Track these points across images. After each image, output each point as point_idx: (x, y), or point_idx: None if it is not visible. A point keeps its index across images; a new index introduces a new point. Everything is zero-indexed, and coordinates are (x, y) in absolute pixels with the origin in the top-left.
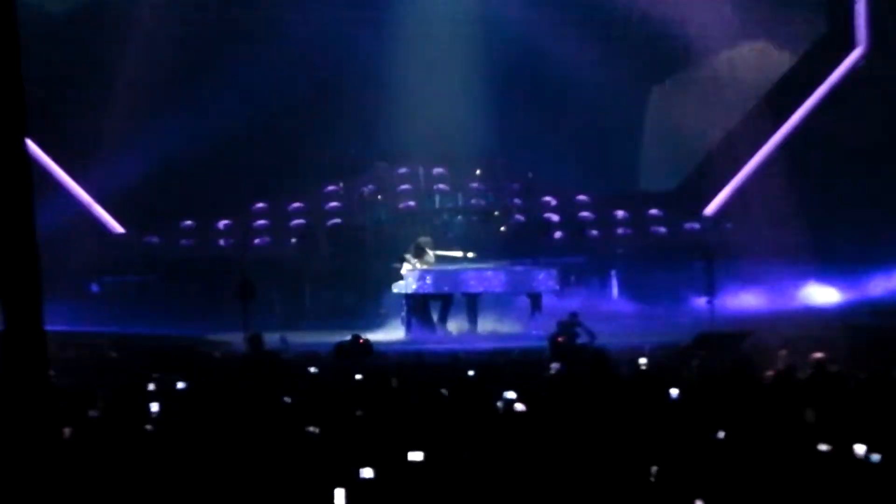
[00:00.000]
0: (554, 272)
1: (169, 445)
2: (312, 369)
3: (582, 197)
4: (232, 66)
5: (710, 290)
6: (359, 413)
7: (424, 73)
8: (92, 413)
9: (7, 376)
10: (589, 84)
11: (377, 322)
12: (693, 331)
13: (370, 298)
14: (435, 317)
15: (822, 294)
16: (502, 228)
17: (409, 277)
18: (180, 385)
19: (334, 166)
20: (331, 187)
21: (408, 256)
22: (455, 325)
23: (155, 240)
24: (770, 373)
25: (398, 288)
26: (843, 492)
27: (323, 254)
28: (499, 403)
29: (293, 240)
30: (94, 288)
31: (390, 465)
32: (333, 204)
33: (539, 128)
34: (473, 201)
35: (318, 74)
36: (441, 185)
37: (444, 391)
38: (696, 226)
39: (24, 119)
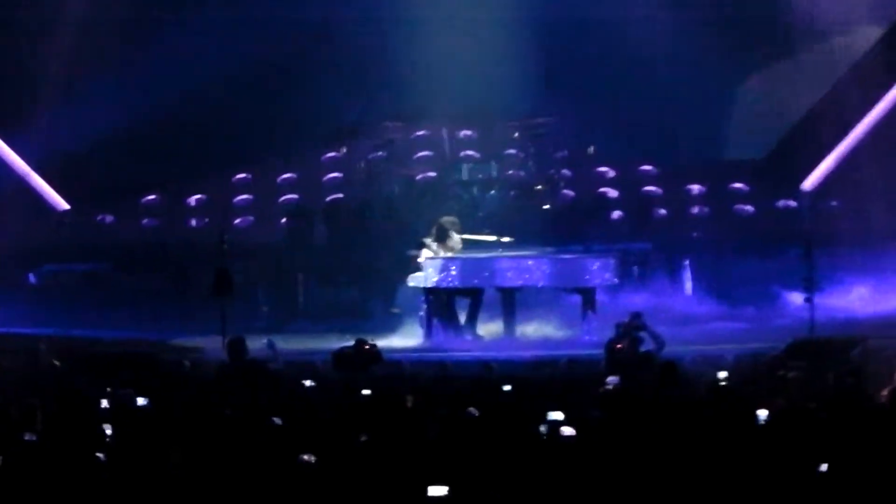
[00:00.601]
0: (611, 262)
1: (125, 477)
2: (307, 383)
3: (647, 167)
4: (207, 3)
5: (810, 285)
6: (364, 438)
7: (449, 12)
8: (28, 436)
9: None
10: (662, 47)
11: (388, 323)
12: (788, 337)
13: (379, 294)
14: (462, 317)
15: None
16: (546, 206)
17: (430, 268)
18: (140, 402)
19: (334, 128)
20: (329, 154)
21: (427, 241)
22: (487, 328)
23: (109, 219)
24: (885, 392)
25: (415, 281)
26: None
27: (320, 238)
28: (542, 427)
29: (283, 220)
30: (32, 278)
31: (404, 502)
32: (333, 175)
33: (593, 86)
34: (510, 172)
35: (312, 14)
36: (469, 152)
37: (472, 411)
38: (792, 204)
39: None
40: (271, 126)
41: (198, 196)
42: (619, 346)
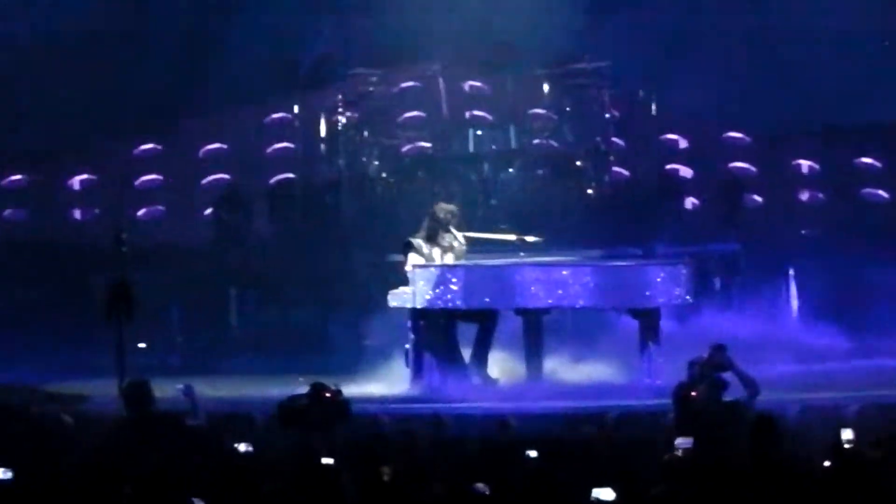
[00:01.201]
0: (682, 271)
1: None
2: (241, 447)
3: (735, 135)
4: None
5: None
6: None
7: None
8: None
9: None
10: None
11: (360, 361)
12: None
13: (347, 318)
14: (466, 352)
15: None
16: (590, 191)
17: (420, 280)
18: (1, 475)
19: (282, 76)
20: (275, 116)
21: (417, 242)
22: (502, 368)
23: None
24: None
25: (399, 300)
26: None
27: (261, 236)
28: None
29: (207, 211)
30: None
31: None
32: (280, 146)
33: (658, 15)
34: (538, 141)
35: None
36: (478, 112)
37: (481, 488)
38: None
39: None
40: (190, 74)
41: (84, 176)
42: (693, 393)
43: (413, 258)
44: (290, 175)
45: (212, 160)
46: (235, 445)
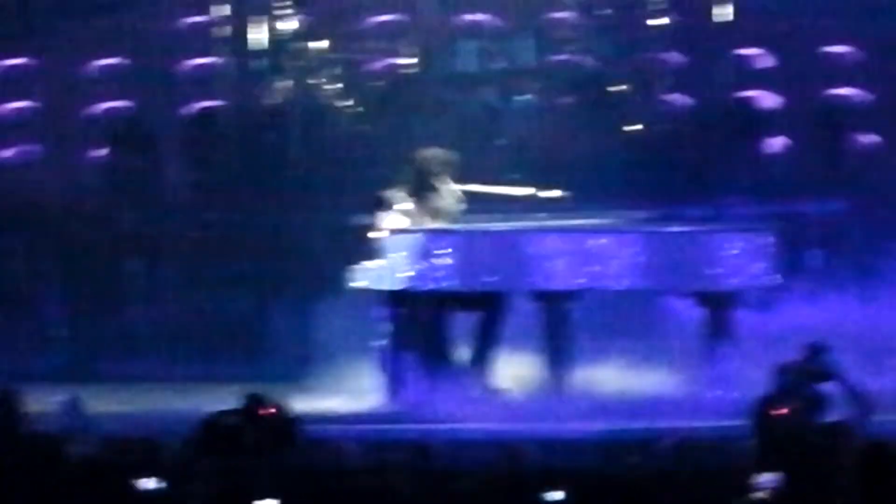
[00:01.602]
0: (766, 240)
1: None
2: (147, 484)
3: (838, 49)
4: None
5: None
6: None
7: None
8: None
9: None
10: None
11: (311, 363)
12: None
13: (292, 303)
14: (463, 353)
15: None
16: (635, 126)
17: (399, 251)
18: None
19: None
20: (193, 18)
21: (395, 197)
22: (514, 373)
23: None
24: None
25: (366, 278)
26: None
27: (173, 188)
28: None
29: (99, 152)
30: None
31: None
32: (201, 61)
33: None
34: (562, 57)
35: None
36: (479, 15)
37: None
38: None
39: None
40: None
41: None
42: (781, 411)
43: (389, 220)
44: (215, 102)
45: (104, 80)
46: (138, 481)
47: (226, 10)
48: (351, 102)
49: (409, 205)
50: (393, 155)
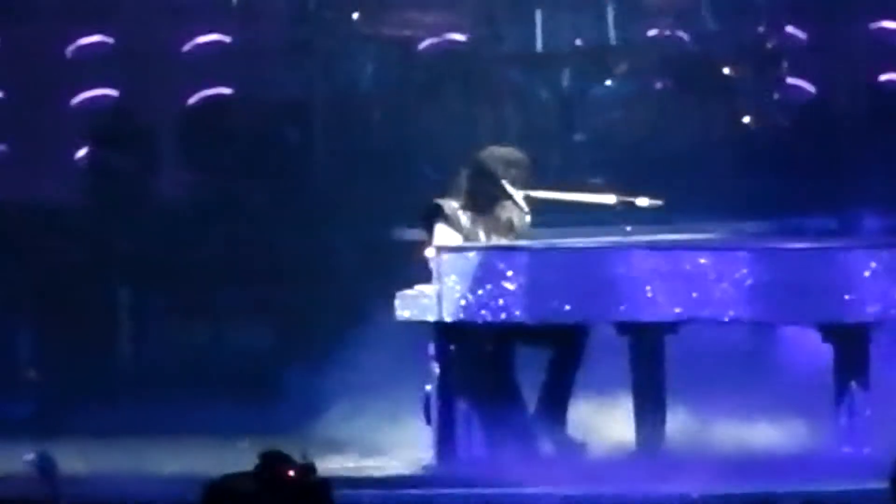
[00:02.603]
0: None
1: None
2: None
3: None
4: None
5: None
6: None
7: None
8: None
9: None
10: None
11: (342, 412)
12: None
13: (319, 338)
14: (531, 399)
15: None
16: (747, 119)
17: (452, 273)
18: None
19: None
20: None
21: (450, 207)
22: (596, 424)
23: None
24: None
25: (412, 307)
26: None
27: (171, 195)
28: None
29: (80, 152)
30: None
31: None
32: (205, 39)
33: None
34: (655, 32)
35: None
36: None
37: None
38: None
39: None
40: None
41: None
42: None
43: (441, 234)
44: (223, 90)
45: (88, 64)
46: None
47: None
48: (391, 90)
49: (465, 216)
50: (444, 155)
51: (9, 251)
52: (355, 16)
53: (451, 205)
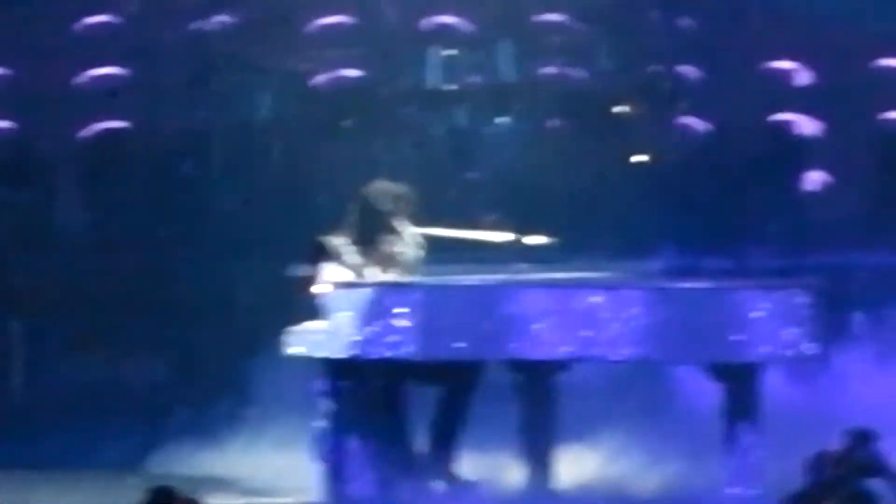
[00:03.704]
0: (801, 300)
1: None
2: None
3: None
4: None
5: None
6: None
7: None
8: None
9: None
10: None
11: (232, 448)
12: None
13: (210, 373)
14: (422, 437)
15: None
16: (641, 157)
17: (344, 310)
18: None
19: None
20: (93, 19)
21: (338, 244)
22: (485, 463)
23: None
24: None
25: (302, 343)
26: None
27: (66, 229)
28: None
29: None
30: None
31: None
32: (102, 72)
33: None
34: (551, 69)
35: None
36: (449, 18)
37: None
38: None
39: None
40: None
41: None
42: None
43: (331, 272)
44: (120, 123)
45: None
46: None
47: (134, 9)
48: (288, 124)
49: (352, 251)
50: (341, 190)
51: None
52: (256, 51)
53: (337, 241)
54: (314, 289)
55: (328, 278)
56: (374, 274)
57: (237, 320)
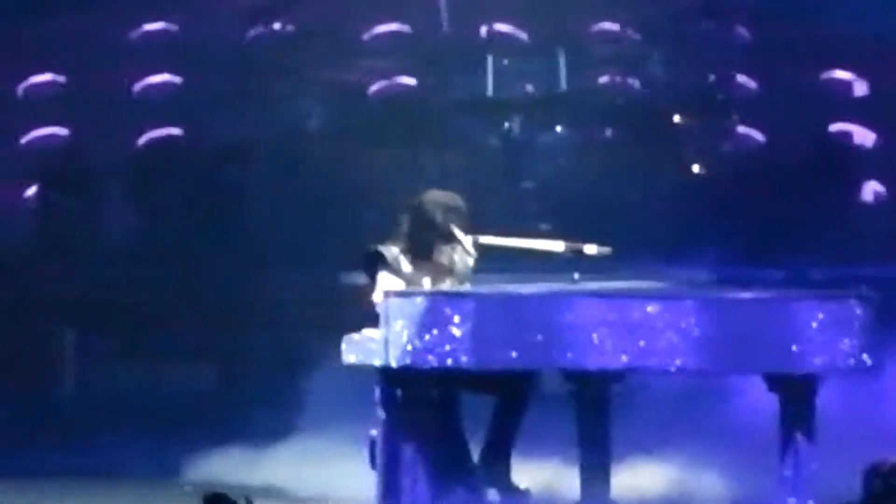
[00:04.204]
0: (858, 311)
1: None
2: None
3: None
4: None
5: None
6: None
7: None
8: None
9: None
10: None
11: (286, 455)
12: None
13: (261, 381)
14: (476, 447)
15: None
16: (696, 168)
17: (398, 319)
18: None
19: None
20: (148, 27)
21: (391, 253)
22: (539, 473)
23: None
24: None
25: (358, 351)
26: None
27: (115, 236)
28: None
29: (29, 191)
30: None
31: None
32: (155, 80)
33: None
34: (606, 79)
35: None
36: (503, 26)
37: None
38: None
39: None
40: None
41: None
42: None
43: (384, 280)
44: (172, 131)
45: (38, 103)
46: None
47: (185, 17)
48: (338, 133)
49: (405, 261)
50: (390, 199)
51: None
52: (306, 60)
53: (392, 250)
54: (373, 297)
55: (383, 287)
56: (428, 283)
57: (285, 328)
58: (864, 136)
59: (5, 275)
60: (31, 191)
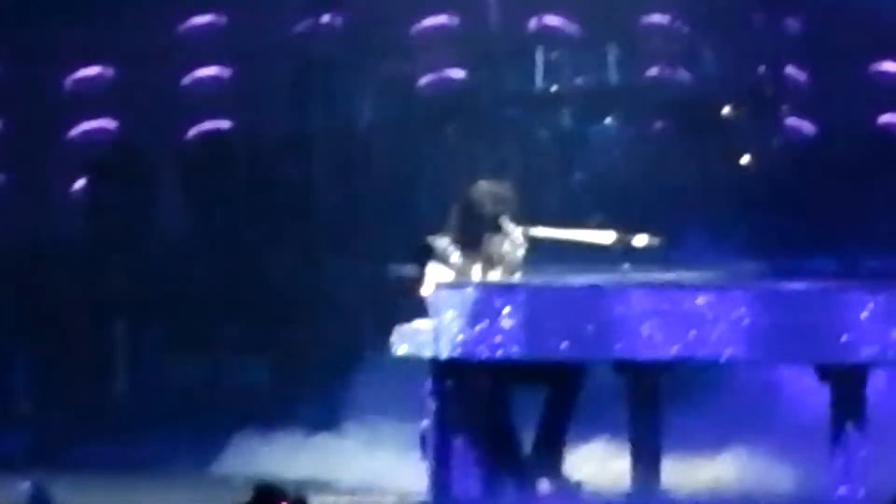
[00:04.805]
0: None
1: None
2: None
3: None
4: None
5: None
6: None
7: None
8: None
9: None
10: None
11: (338, 447)
12: None
13: (315, 372)
14: (527, 436)
15: None
16: (746, 160)
17: (449, 310)
18: None
19: None
20: (198, 19)
21: (442, 245)
22: (591, 464)
23: None
24: None
25: (409, 343)
26: None
27: (169, 228)
28: None
29: (77, 183)
30: None
31: None
32: (205, 73)
33: None
34: (655, 72)
35: None
36: (554, 20)
37: None
38: None
39: None
40: None
41: None
42: None
43: (433, 272)
44: (223, 124)
45: (87, 95)
46: None
47: (234, 10)
48: (388, 126)
49: (456, 252)
50: (443, 192)
51: (5, 284)
52: (356, 51)
53: (442, 241)
54: (421, 289)
55: (434, 278)
56: (479, 274)
57: (338, 321)
58: None
59: (57, 268)
60: (80, 184)
